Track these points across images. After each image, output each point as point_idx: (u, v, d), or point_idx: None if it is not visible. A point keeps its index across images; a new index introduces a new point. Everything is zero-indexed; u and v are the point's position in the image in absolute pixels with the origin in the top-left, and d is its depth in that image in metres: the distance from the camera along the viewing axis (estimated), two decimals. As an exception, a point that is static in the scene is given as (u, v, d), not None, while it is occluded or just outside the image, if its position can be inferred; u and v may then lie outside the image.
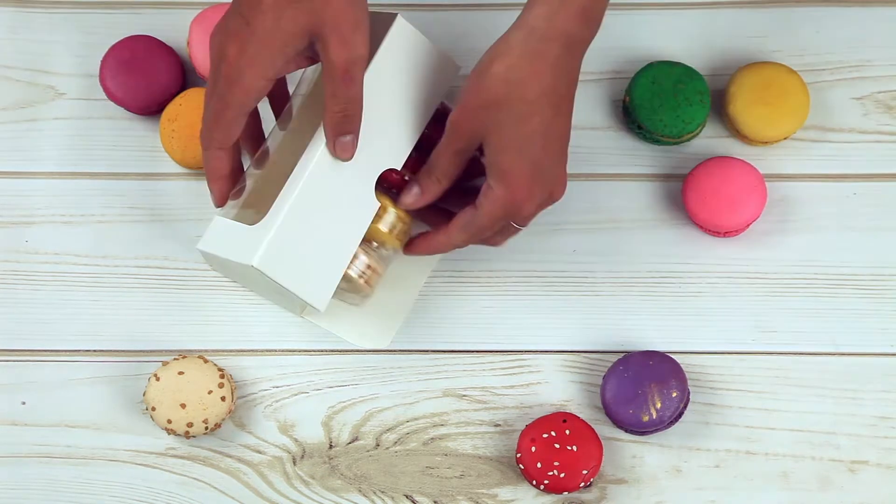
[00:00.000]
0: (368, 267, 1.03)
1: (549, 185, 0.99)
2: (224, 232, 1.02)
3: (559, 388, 1.09)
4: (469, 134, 0.97)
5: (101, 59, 1.13)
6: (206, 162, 1.01)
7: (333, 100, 0.97)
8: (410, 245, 1.04)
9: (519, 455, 1.05)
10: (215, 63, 0.96)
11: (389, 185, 1.03)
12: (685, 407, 1.06)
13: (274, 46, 0.94)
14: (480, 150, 0.98)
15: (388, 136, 1.02)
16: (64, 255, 1.11)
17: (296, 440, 1.08)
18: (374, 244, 1.03)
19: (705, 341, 1.09)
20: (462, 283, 1.10)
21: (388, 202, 1.03)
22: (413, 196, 1.01)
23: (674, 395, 1.05)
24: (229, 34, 0.95)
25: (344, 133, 0.98)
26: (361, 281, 1.03)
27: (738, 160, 1.09)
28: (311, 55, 0.97)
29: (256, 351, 1.10)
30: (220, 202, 1.03)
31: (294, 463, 1.08)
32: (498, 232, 1.02)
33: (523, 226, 1.01)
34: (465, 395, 1.09)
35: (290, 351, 1.09)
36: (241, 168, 1.04)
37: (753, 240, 1.11)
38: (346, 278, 1.02)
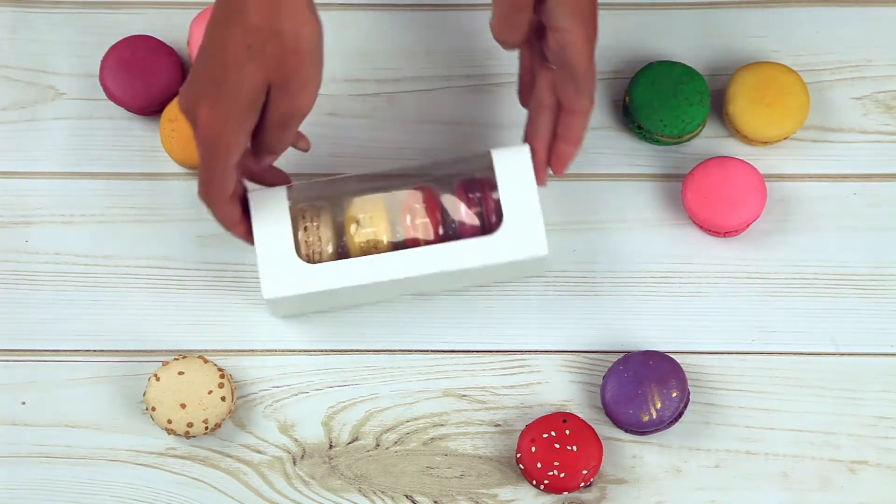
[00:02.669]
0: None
1: (596, 4, 0.99)
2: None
3: (559, 388, 1.09)
4: None
5: (101, 59, 1.13)
6: (214, 216, 1.02)
7: (266, 143, 0.99)
8: (559, 165, 1.04)
9: (519, 455, 1.05)
10: (191, 126, 0.97)
11: None
12: (685, 407, 1.06)
13: (242, 101, 0.94)
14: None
15: None
16: (64, 255, 1.11)
17: (296, 440, 1.08)
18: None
19: (705, 341, 1.09)
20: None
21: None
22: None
23: (674, 395, 1.05)
24: (198, 97, 0.95)
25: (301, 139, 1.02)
26: None
27: (738, 160, 1.09)
28: None
29: (256, 351, 1.10)
30: (251, 242, 1.04)
31: (294, 463, 1.08)
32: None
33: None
34: (465, 395, 1.09)
35: (290, 351, 1.09)
36: (271, 174, 1.05)
37: (753, 240, 1.11)
38: None
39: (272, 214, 1.03)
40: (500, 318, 1.10)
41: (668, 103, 1.10)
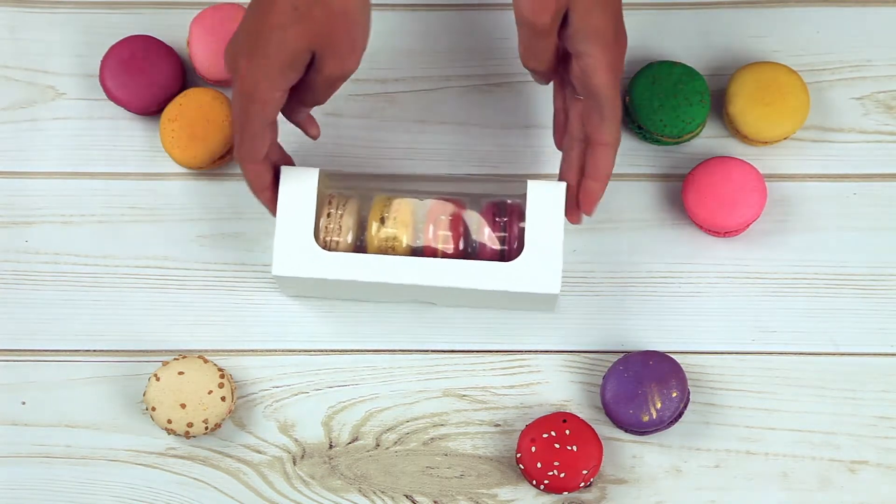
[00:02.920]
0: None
1: (625, 34, 0.99)
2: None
3: (559, 388, 1.09)
4: (555, 8, 0.95)
5: (101, 59, 1.13)
6: (245, 176, 1.02)
7: (311, 98, 1.01)
8: (587, 204, 1.03)
9: (519, 455, 1.05)
10: (232, 78, 0.99)
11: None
12: (685, 407, 1.06)
13: (282, 61, 0.96)
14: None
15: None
16: (64, 255, 1.11)
17: (296, 440, 1.08)
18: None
19: (705, 341, 1.09)
20: (462, 283, 1.10)
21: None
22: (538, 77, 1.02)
23: (674, 395, 1.05)
24: (240, 50, 0.97)
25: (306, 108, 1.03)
26: None
27: (738, 160, 1.09)
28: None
29: (256, 351, 1.10)
30: (274, 212, 1.04)
31: (294, 463, 1.08)
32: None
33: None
34: (465, 395, 1.09)
35: (290, 351, 1.09)
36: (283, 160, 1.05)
37: (753, 240, 1.11)
38: None
39: (299, 192, 1.03)
40: (500, 318, 1.10)
41: (668, 103, 1.10)
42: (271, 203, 1.03)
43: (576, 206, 1.03)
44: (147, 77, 1.11)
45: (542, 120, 1.13)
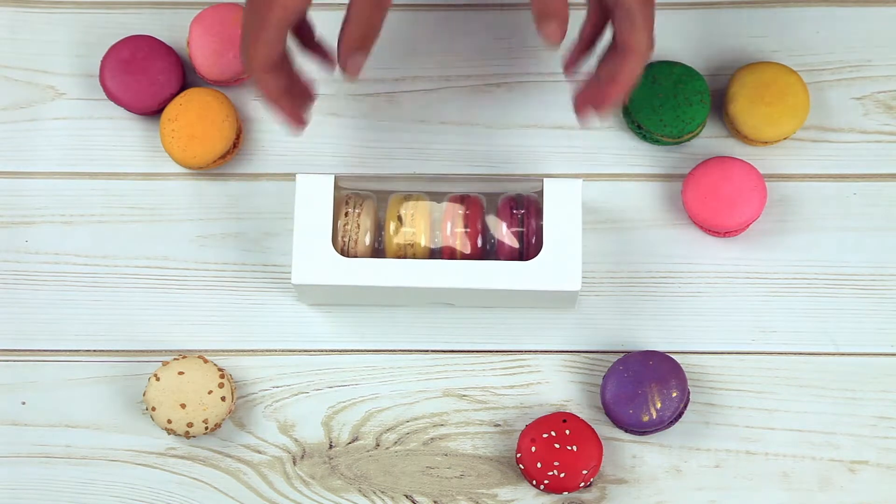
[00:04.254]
0: None
1: None
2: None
3: (559, 388, 1.09)
4: None
5: (101, 59, 1.13)
6: (254, 86, 0.98)
7: (356, 21, 0.95)
8: (604, 101, 0.98)
9: (519, 455, 1.05)
10: None
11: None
12: (685, 407, 1.06)
13: None
14: None
15: None
16: (64, 255, 1.11)
17: (296, 440, 1.08)
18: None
19: (705, 341, 1.09)
20: (462, 283, 1.10)
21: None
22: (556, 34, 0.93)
23: (674, 395, 1.05)
24: None
25: (359, 50, 0.96)
26: None
27: (738, 160, 1.09)
28: None
29: (256, 351, 1.10)
30: (297, 122, 0.99)
31: (294, 463, 1.08)
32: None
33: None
34: (465, 395, 1.09)
35: (290, 351, 1.10)
36: (297, 78, 1.00)
37: (753, 240, 1.11)
38: None
39: (316, 200, 1.03)
40: (500, 318, 1.10)
41: (668, 103, 1.10)
42: (291, 112, 0.98)
43: (588, 106, 0.99)
44: (147, 77, 1.11)
45: (542, 120, 1.13)
